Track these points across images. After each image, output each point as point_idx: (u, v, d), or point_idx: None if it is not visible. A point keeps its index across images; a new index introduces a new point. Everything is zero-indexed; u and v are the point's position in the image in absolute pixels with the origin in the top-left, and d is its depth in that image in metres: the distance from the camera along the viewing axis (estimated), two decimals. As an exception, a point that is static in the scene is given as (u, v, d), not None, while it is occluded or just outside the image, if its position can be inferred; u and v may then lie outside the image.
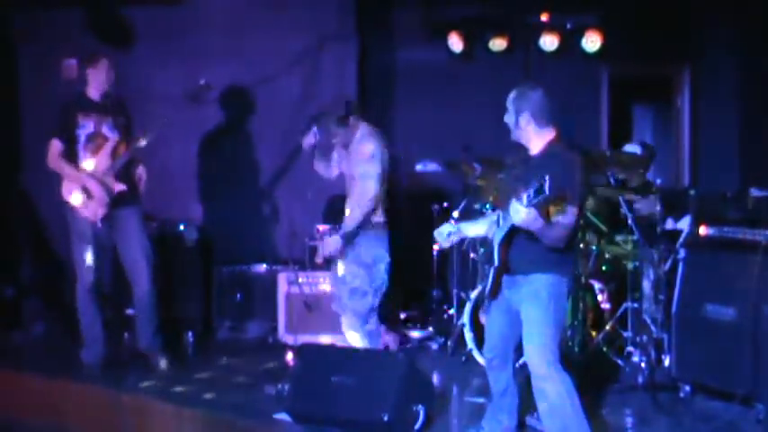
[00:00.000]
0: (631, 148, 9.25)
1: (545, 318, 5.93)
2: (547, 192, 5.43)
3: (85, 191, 8.38)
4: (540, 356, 5.89)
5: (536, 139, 6.09)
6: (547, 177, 5.42)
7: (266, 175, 11.02)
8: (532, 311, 5.96)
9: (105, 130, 8.53)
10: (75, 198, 8.41)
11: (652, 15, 11.50)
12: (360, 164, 7.47)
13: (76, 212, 8.44)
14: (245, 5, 11.33)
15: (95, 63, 8.59)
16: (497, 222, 6.17)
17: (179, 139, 10.13)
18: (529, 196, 5.52)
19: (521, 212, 5.59)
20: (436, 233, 6.57)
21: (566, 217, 5.78)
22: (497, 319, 6.28)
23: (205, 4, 11.31)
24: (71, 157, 8.44)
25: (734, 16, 11.78)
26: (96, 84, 8.59)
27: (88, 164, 8.46)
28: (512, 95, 6.17)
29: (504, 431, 6.49)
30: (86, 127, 8.47)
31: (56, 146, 8.43)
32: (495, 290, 6.13)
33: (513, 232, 5.94)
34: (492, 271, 6.11)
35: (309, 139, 7.92)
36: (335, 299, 7.85)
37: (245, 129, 11.01)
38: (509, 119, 6.16)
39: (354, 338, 7.67)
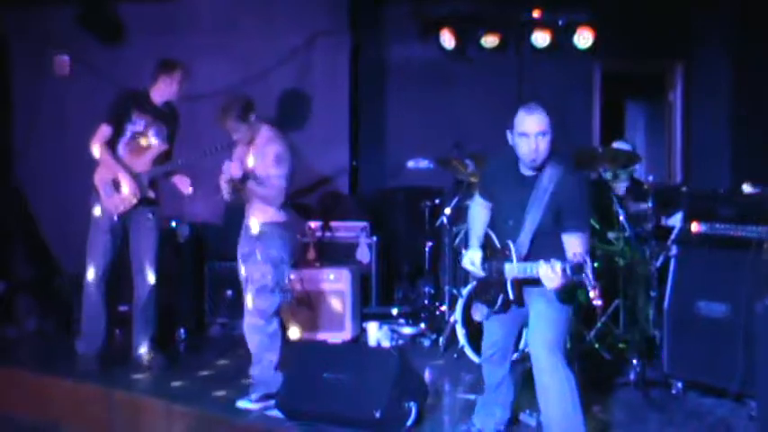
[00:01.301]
0: (620, 145, 9.25)
1: (555, 315, 5.93)
2: (590, 276, 5.48)
3: (115, 183, 8.37)
4: (546, 350, 5.87)
5: None
6: (587, 260, 5.46)
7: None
8: (544, 306, 5.93)
9: (152, 134, 8.50)
10: (103, 187, 8.40)
11: (644, 12, 11.53)
12: (268, 166, 7.39)
13: (98, 203, 8.42)
14: (238, 2, 11.34)
15: (172, 72, 8.54)
16: (504, 249, 6.00)
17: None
18: (564, 270, 5.50)
19: (554, 281, 5.58)
20: (470, 264, 6.26)
21: (581, 239, 5.82)
22: (501, 316, 6.21)
23: (197, 2, 11.32)
24: (111, 147, 8.41)
25: (727, 13, 11.80)
26: (165, 91, 8.57)
27: (129, 160, 8.45)
28: (546, 115, 5.86)
29: (496, 424, 6.49)
30: (137, 125, 8.44)
31: (104, 131, 8.36)
32: (506, 308, 6.11)
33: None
34: (501, 299, 6.03)
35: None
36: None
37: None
38: (545, 142, 5.85)
39: (254, 341, 7.50)
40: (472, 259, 6.21)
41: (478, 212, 6.43)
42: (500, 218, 6.15)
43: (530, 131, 5.82)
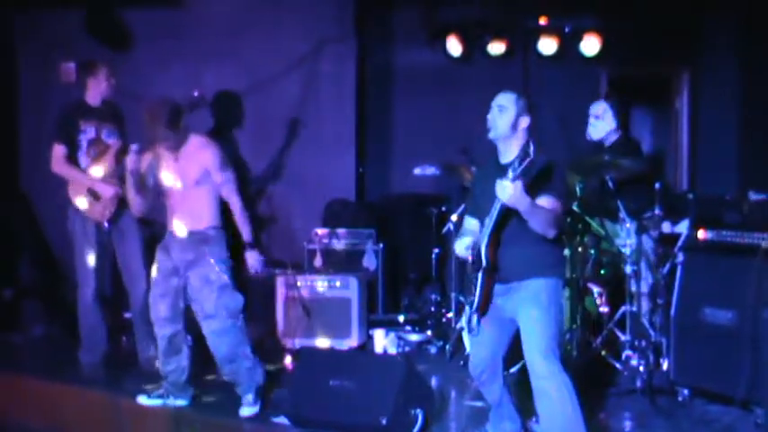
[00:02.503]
0: (597, 106, 9.11)
1: (546, 319, 5.94)
2: (532, 155, 5.50)
3: (92, 193, 8.41)
4: (542, 357, 5.88)
5: (515, 144, 6.09)
6: (531, 144, 5.55)
7: (264, 178, 11.04)
8: (533, 313, 5.94)
9: (105, 135, 8.58)
10: (81, 201, 8.44)
11: (651, 18, 11.50)
12: (215, 172, 7.29)
13: (83, 215, 8.46)
14: (244, 7, 11.35)
15: (95, 71, 8.65)
16: (481, 229, 6.10)
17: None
18: (514, 168, 5.57)
19: (507, 188, 5.60)
20: (458, 244, 6.32)
21: (551, 203, 5.87)
22: (486, 332, 6.19)
23: (204, 6, 11.35)
24: (72, 161, 8.46)
25: (733, 18, 11.78)
26: (96, 91, 8.65)
27: (93, 169, 8.48)
28: (512, 95, 6.13)
29: (508, 436, 6.50)
30: (88, 132, 8.52)
31: (60, 150, 8.45)
32: (486, 301, 6.07)
33: (500, 229, 5.93)
34: (480, 275, 6.03)
35: (132, 162, 7.43)
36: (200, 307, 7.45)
37: (243, 130, 11.01)
38: (503, 118, 6.10)
39: (225, 343, 7.38)
40: (461, 243, 6.24)
41: (469, 228, 6.44)
42: (484, 210, 6.12)
43: (492, 103, 6.18)
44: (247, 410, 7.35)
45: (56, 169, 8.48)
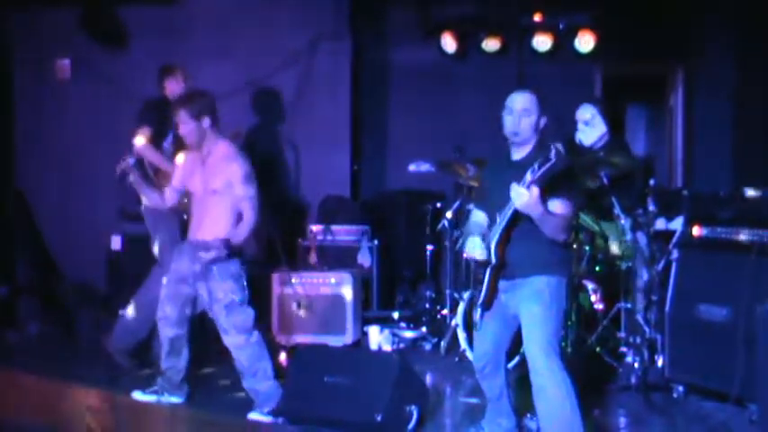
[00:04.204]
0: (585, 110, 9.09)
1: (547, 316, 5.94)
2: (553, 158, 5.49)
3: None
4: (541, 354, 5.87)
5: (531, 142, 6.09)
6: (552, 147, 5.53)
7: (259, 175, 11.02)
8: (535, 310, 5.95)
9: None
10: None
11: (646, 15, 11.51)
12: (236, 185, 7.13)
13: (168, 208, 8.41)
14: (239, 5, 11.35)
15: (174, 72, 8.75)
16: (491, 225, 6.12)
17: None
18: (533, 170, 5.56)
19: (523, 195, 5.61)
20: (471, 245, 6.19)
21: (563, 208, 5.87)
22: (489, 326, 6.21)
23: (199, 4, 11.35)
24: (157, 147, 8.44)
25: (728, 16, 11.79)
26: (176, 90, 8.66)
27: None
28: (534, 97, 6.08)
29: (504, 432, 6.51)
30: (175, 128, 8.47)
31: (147, 132, 8.50)
32: (491, 296, 6.09)
33: (511, 228, 5.93)
34: (488, 272, 6.05)
35: (129, 162, 7.51)
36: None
37: (238, 129, 11.01)
38: (528, 122, 6.06)
39: (243, 357, 7.30)
40: (474, 243, 6.15)
41: (476, 220, 6.43)
42: (493, 205, 6.13)
43: (514, 108, 6.07)
44: (257, 415, 7.27)
45: (138, 143, 8.41)
